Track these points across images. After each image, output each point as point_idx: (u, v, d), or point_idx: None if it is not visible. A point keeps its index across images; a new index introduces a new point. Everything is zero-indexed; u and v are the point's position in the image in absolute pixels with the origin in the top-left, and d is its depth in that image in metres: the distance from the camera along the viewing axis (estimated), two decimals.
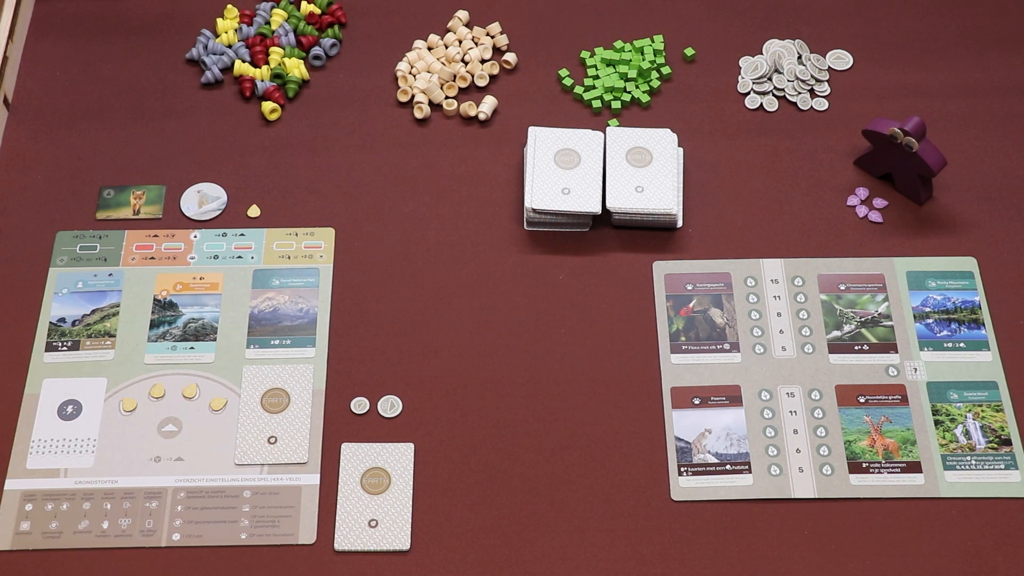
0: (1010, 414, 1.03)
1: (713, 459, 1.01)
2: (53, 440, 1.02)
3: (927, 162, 1.10)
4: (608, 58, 1.24)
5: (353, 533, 0.98)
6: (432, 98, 1.21)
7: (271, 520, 0.98)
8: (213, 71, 1.22)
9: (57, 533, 0.98)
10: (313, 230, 1.14)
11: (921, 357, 1.06)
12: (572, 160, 1.14)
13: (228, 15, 1.27)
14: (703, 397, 1.04)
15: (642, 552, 0.97)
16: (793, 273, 1.11)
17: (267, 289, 1.10)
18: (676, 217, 1.13)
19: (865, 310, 1.09)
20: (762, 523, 0.99)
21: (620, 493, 1.00)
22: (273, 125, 1.21)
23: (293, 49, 1.25)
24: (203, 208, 1.15)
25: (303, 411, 1.03)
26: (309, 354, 1.07)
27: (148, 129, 1.20)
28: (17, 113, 1.21)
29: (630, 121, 1.21)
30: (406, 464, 1.01)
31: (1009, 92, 1.22)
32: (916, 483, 1.00)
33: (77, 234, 1.13)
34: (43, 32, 1.27)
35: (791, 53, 1.24)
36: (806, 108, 1.22)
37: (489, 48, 1.26)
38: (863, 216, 1.15)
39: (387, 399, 1.05)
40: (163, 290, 1.10)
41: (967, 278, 1.11)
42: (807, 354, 1.06)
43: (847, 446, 1.02)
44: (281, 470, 1.01)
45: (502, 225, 1.14)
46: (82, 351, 1.06)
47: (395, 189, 1.16)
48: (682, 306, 1.09)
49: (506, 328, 1.08)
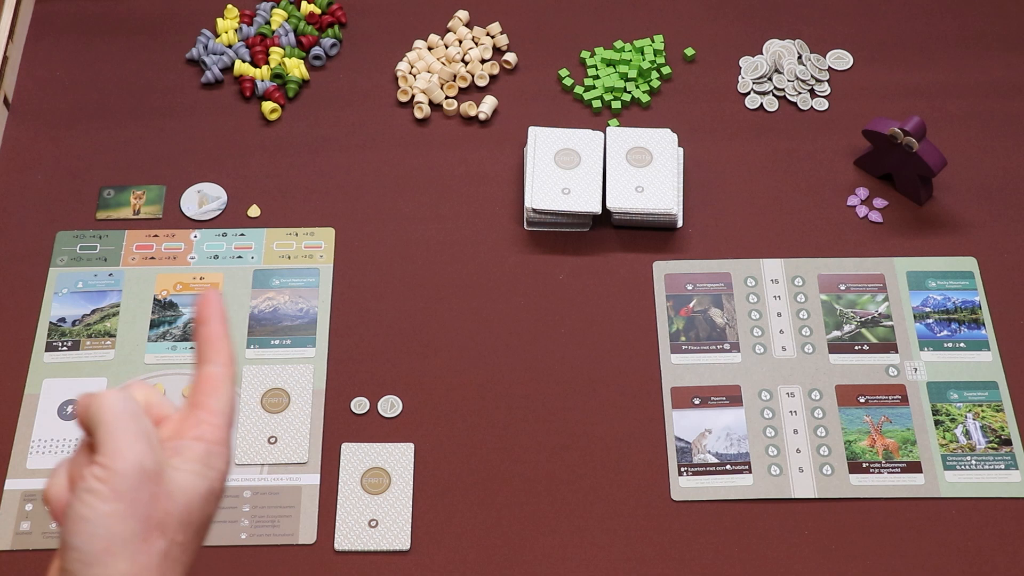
0: (1010, 414, 1.03)
1: (713, 459, 1.01)
2: (53, 440, 1.02)
3: (927, 162, 1.10)
4: (608, 58, 1.24)
5: (353, 533, 0.98)
6: (432, 98, 1.21)
7: (271, 520, 0.98)
8: (213, 71, 1.22)
9: (57, 533, 0.98)
10: (313, 230, 1.14)
11: (921, 357, 1.06)
12: (572, 160, 1.14)
13: (228, 15, 1.27)
14: (703, 397, 1.04)
15: (642, 552, 0.97)
16: (793, 273, 1.11)
17: (267, 289, 1.10)
18: (676, 217, 1.13)
19: (865, 310, 1.09)
20: (762, 523, 0.99)
21: (620, 493, 1.00)
22: (273, 125, 1.21)
23: (293, 49, 1.25)
24: (203, 208, 1.15)
25: (303, 411, 1.03)
26: (309, 354, 1.07)
27: (148, 129, 1.20)
28: (17, 113, 1.21)
29: (630, 121, 1.21)
30: (406, 464, 1.01)
31: (1009, 92, 1.22)
32: (916, 483, 1.00)
33: (77, 234, 1.13)
34: (43, 32, 1.27)
35: (791, 53, 1.24)
36: (806, 108, 1.22)
37: (489, 48, 1.26)
38: (863, 216, 1.15)
39: (387, 399, 1.05)
40: (163, 290, 1.10)
41: (967, 278, 1.11)
42: (807, 354, 1.06)
43: (847, 446, 1.02)
44: (281, 470, 1.01)
45: (502, 225, 1.14)
46: (82, 351, 1.06)
47: (395, 189, 1.17)
48: (682, 306, 1.09)
49: (506, 328, 1.08)
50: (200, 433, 0.58)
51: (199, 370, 0.60)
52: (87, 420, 0.57)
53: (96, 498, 0.54)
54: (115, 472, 0.54)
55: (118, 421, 0.55)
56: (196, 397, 0.59)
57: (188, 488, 0.57)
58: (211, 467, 0.58)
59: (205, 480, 0.57)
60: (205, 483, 0.57)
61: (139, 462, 0.55)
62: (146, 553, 0.55)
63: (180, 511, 0.56)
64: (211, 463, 0.58)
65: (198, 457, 0.57)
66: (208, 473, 0.57)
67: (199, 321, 0.61)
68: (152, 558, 0.55)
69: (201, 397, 0.59)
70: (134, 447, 0.55)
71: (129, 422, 0.56)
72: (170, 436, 0.58)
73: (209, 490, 0.58)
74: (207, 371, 0.60)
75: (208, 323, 0.61)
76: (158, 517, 0.55)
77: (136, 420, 0.56)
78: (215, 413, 0.59)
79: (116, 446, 0.55)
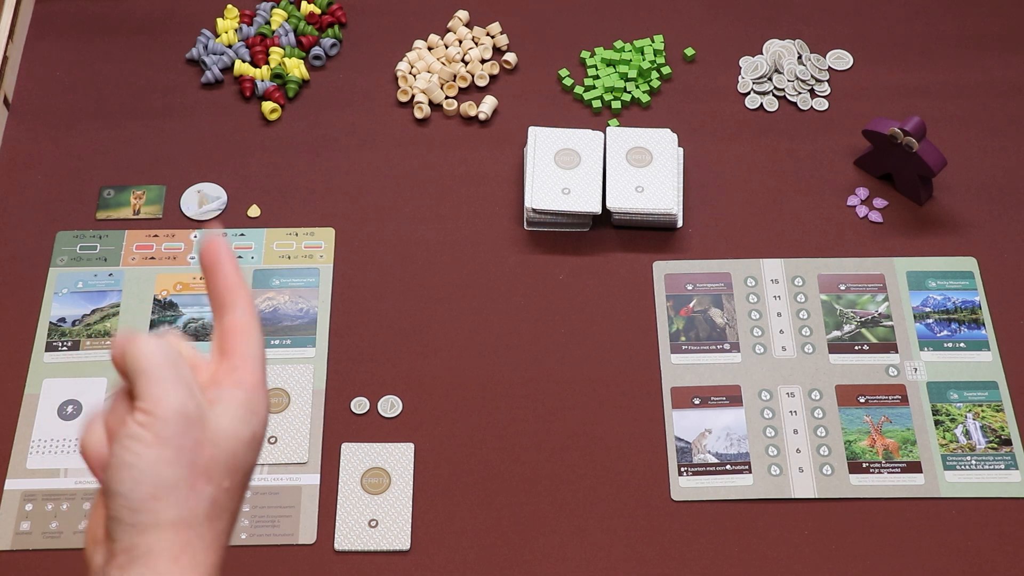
0: (1010, 414, 1.03)
1: (713, 459, 1.01)
2: (53, 440, 1.02)
3: (927, 162, 1.10)
4: (608, 58, 1.24)
5: (353, 533, 0.98)
6: (432, 98, 1.21)
7: (271, 520, 0.98)
8: (213, 71, 1.22)
9: (57, 533, 0.98)
10: (313, 230, 1.14)
11: (921, 357, 1.06)
12: (572, 160, 1.14)
13: (228, 15, 1.27)
14: (703, 397, 1.04)
15: (642, 552, 0.97)
16: (793, 273, 1.11)
17: (267, 289, 1.10)
18: (676, 217, 1.13)
19: (865, 310, 1.09)
20: (762, 523, 0.99)
21: (620, 493, 1.00)
22: (273, 125, 1.21)
23: (293, 49, 1.25)
24: (203, 208, 1.15)
25: (303, 411, 1.03)
26: (309, 354, 1.07)
27: (148, 129, 1.20)
28: (17, 113, 1.21)
29: (630, 121, 1.21)
30: (406, 464, 1.01)
31: (1009, 92, 1.22)
32: (916, 483, 1.00)
33: (77, 234, 1.13)
34: (43, 32, 1.27)
35: (791, 53, 1.24)
36: (806, 108, 1.22)
37: (489, 48, 1.26)
38: (863, 216, 1.15)
39: (387, 399, 1.05)
40: (163, 290, 1.10)
41: (967, 278, 1.11)
42: (807, 354, 1.06)
43: (847, 446, 1.02)
44: (281, 470, 1.01)
45: (502, 225, 1.14)
46: (82, 351, 1.06)
47: (395, 189, 1.16)
48: (682, 306, 1.09)
49: (506, 328, 1.08)
50: (237, 379, 0.57)
51: (221, 319, 0.59)
52: (124, 367, 0.56)
53: (140, 444, 0.54)
54: (158, 418, 0.54)
55: (159, 368, 0.55)
56: (225, 345, 0.59)
57: (232, 434, 0.56)
58: (253, 412, 0.57)
59: (248, 426, 0.57)
60: (248, 428, 0.57)
61: (181, 408, 0.55)
62: (194, 499, 0.55)
63: (226, 457, 0.56)
64: (253, 408, 0.57)
65: (240, 403, 0.57)
66: (250, 419, 0.57)
67: (208, 269, 0.59)
68: (200, 504, 0.55)
69: (230, 344, 0.58)
70: (176, 393, 0.55)
71: (169, 369, 0.55)
72: (206, 384, 0.58)
73: (252, 435, 0.57)
74: (231, 318, 0.59)
75: (218, 269, 0.59)
76: (204, 463, 0.55)
77: (176, 367, 0.55)
78: (248, 359, 0.58)
79: (157, 392, 0.54)
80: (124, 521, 0.54)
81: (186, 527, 0.54)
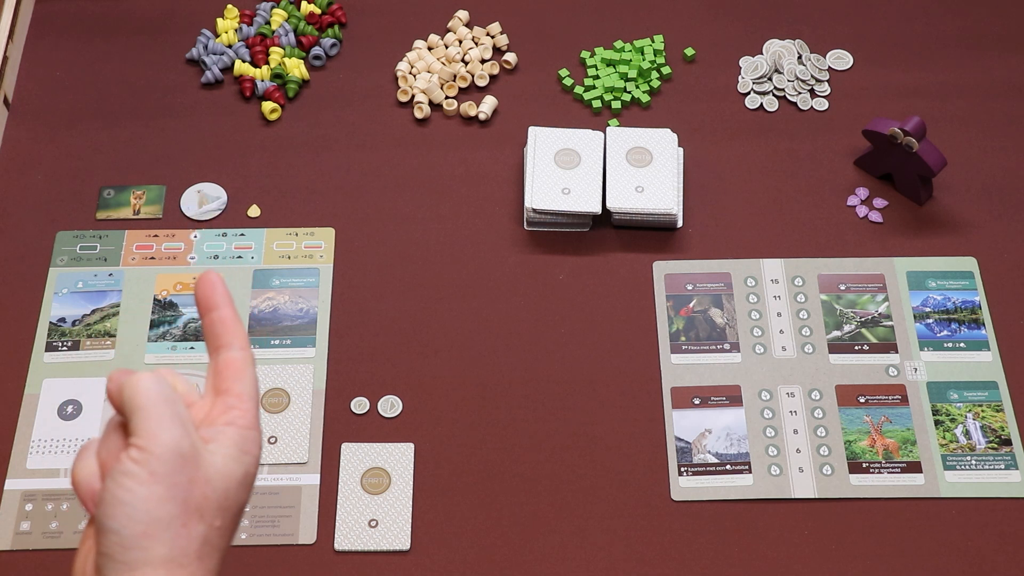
0: (1010, 414, 1.03)
1: (713, 459, 1.01)
2: (53, 440, 1.02)
3: (927, 162, 1.10)
4: (608, 58, 1.24)
5: (353, 533, 0.98)
6: (432, 98, 1.21)
7: (271, 520, 0.98)
8: (213, 71, 1.22)
9: (57, 533, 0.98)
10: (313, 230, 1.14)
11: (921, 357, 1.06)
12: (572, 160, 1.14)
13: (228, 15, 1.27)
14: (703, 397, 1.04)
15: (642, 552, 0.97)
16: (793, 273, 1.11)
17: (267, 289, 1.10)
18: (676, 217, 1.13)
19: (865, 310, 1.09)
20: (762, 523, 0.99)
21: (620, 493, 1.00)
22: (273, 125, 1.21)
23: (293, 49, 1.25)
24: (203, 208, 1.15)
25: (303, 411, 1.03)
26: (309, 354, 1.07)
27: (148, 129, 1.20)
28: (17, 113, 1.21)
29: (630, 121, 1.21)
30: (406, 464, 1.01)
31: (1009, 92, 1.23)
32: (916, 483, 1.00)
33: (77, 234, 1.13)
34: (43, 32, 1.27)
35: (791, 53, 1.24)
36: (806, 108, 1.22)
37: (489, 48, 1.26)
38: (863, 216, 1.15)
39: (387, 399, 1.05)
40: (163, 290, 1.10)
41: (967, 278, 1.11)
42: (807, 354, 1.06)
43: (847, 446, 1.02)
44: (281, 470, 1.01)
45: (502, 225, 1.14)
46: (82, 351, 1.06)
47: (395, 189, 1.17)
48: (682, 306, 1.09)
49: (506, 328, 1.08)
50: (231, 418, 0.58)
51: (217, 356, 0.60)
52: (120, 402, 0.56)
53: (134, 481, 0.54)
54: (152, 455, 0.54)
55: (155, 405, 0.55)
56: (220, 383, 0.59)
57: (225, 473, 0.57)
58: (246, 452, 0.58)
59: (241, 465, 0.57)
60: (241, 468, 0.57)
61: (176, 445, 0.55)
62: (185, 538, 0.55)
63: (218, 496, 0.56)
64: (246, 448, 0.58)
65: (233, 442, 0.57)
66: (243, 458, 0.58)
67: (205, 307, 0.60)
68: (192, 543, 0.55)
69: (226, 383, 0.59)
70: (171, 430, 0.55)
71: (165, 406, 0.55)
72: (200, 422, 0.58)
73: (245, 474, 0.58)
74: (227, 356, 0.59)
75: (216, 308, 0.60)
76: (196, 502, 0.55)
77: (171, 404, 0.56)
78: (243, 398, 0.59)
79: (153, 429, 0.55)
80: (115, 558, 0.54)
81: (177, 566, 0.54)
